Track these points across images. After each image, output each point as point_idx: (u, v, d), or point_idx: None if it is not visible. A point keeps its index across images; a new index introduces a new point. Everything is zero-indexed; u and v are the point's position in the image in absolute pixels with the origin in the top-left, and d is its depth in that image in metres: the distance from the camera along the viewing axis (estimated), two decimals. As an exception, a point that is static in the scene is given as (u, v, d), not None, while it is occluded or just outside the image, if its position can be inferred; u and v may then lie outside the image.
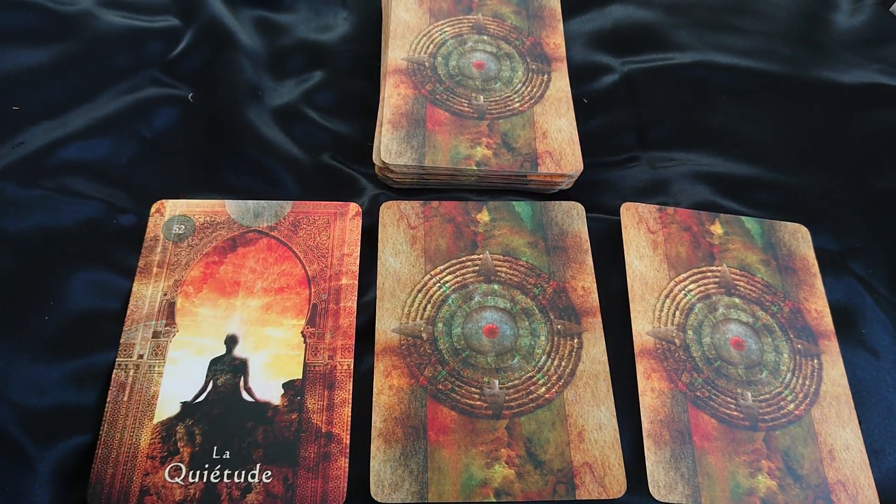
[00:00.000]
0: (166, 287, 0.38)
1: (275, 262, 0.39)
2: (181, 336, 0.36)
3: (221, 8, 0.50)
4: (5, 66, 0.45)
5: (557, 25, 0.51)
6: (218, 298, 0.37)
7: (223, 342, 0.36)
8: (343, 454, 0.34)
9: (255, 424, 0.34)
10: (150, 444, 0.33)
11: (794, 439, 0.36)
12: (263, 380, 0.36)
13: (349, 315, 0.38)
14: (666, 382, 0.37)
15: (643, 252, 0.42)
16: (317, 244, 0.40)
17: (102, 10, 0.49)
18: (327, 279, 0.38)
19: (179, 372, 0.35)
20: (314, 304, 0.38)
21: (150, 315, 0.37)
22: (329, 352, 0.36)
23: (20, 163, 0.41)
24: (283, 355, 0.36)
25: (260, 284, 0.38)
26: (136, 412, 0.34)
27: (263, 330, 0.37)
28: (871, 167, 0.49)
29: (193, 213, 0.40)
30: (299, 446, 0.34)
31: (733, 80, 0.52)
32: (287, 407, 0.35)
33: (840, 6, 0.58)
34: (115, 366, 0.35)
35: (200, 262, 0.38)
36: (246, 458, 0.33)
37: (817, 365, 0.39)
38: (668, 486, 0.34)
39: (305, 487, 0.33)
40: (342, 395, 0.35)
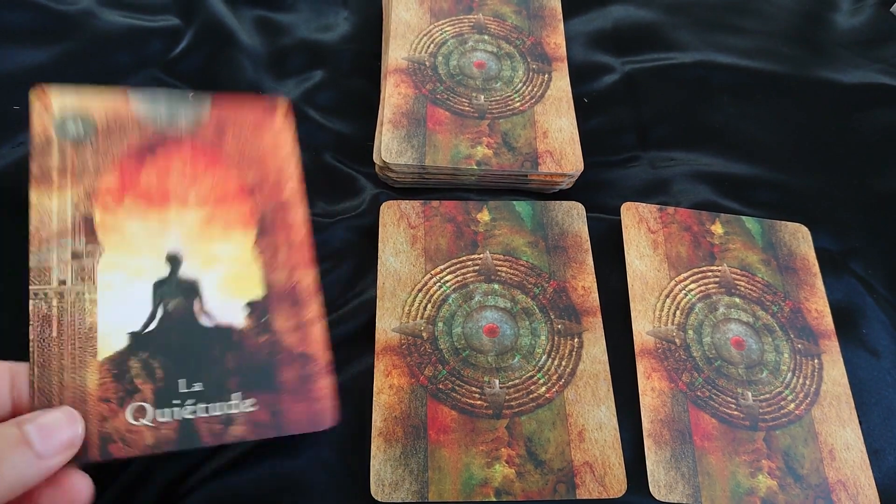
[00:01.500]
0: (76, 197, 0.31)
1: (206, 169, 0.33)
2: (110, 256, 0.30)
3: (222, 7, 0.50)
4: (6, 65, 0.45)
5: (558, 25, 0.51)
6: (147, 210, 0.32)
7: (164, 261, 0.31)
8: (324, 373, 0.31)
9: (222, 351, 0.31)
10: (100, 385, 0.29)
11: (795, 439, 0.36)
12: (221, 301, 0.31)
13: (300, 229, 0.33)
14: (666, 382, 0.37)
15: (643, 252, 0.42)
16: (250, 149, 0.34)
17: (103, 9, 0.49)
18: (268, 192, 0.33)
19: (117, 298, 0.30)
20: (261, 217, 0.33)
21: (63, 232, 0.30)
22: (288, 268, 0.33)
23: (20, 162, 0.41)
24: (239, 273, 0.32)
25: (194, 193, 0.32)
26: (73, 349, 0.29)
27: (209, 247, 0.32)
28: (871, 167, 0.49)
29: (89, 108, 0.32)
30: (276, 370, 0.31)
31: (734, 80, 0.52)
32: (254, 329, 0.31)
33: (840, 6, 0.58)
34: (31, 296, 0.29)
35: (114, 168, 0.32)
36: (220, 388, 0.30)
37: (818, 365, 0.39)
38: (668, 486, 0.34)
39: (291, 411, 0.30)
40: (310, 311, 0.32)
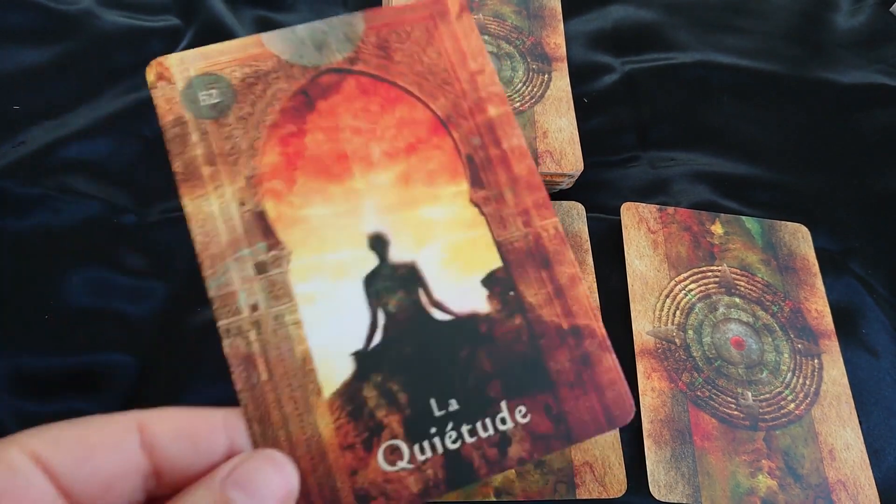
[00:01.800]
0: (238, 192, 0.24)
1: (383, 110, 0.26)
2: (300, 259, 0.23)
3: (222, 8, 0.50)
4: (6, 65, 0.45)
5: (558, 25, 0.51)
6: (326, 186, 0.24)
7: (367, 248, 0.24)
8: (604, 348, 0.24)
9: (471, 350, 0.23)
10: (336, 430, 0.22)
11: (795, 439, 0.36)
12: (452, 284, 0.24)
13: (523, 157, 0.25)
14: (666, 382, 0.37)
15: (643, 252, 0.42)
16: (428, 67, 0.26)
17: (103, 9, 0.49)
18: (468, 114, 0.26)
19: (325, 312, 0.23)
20: (468, 156, 0.25)
21: (236, 240, 0.23)
22: (521, 216, 0.25)
23: (21, 162, 0.41)
24: (462, 240, 0.24)
25: (378, 148, 0.25)
26: (291, 391, 0.22)
27: (416, 213, 0.24)
28: (871, 167, 0.49)
29: (219, 66, 0.25)
30: (545, 359, 0.23)
31: (734, 80, 0.52)
32: (502, 311, 0.24)
33: (840, 6, 0.58)
34: (222, 334, 0.22)
35: (271, 140, 0.25)
36: (482, 399, 0.23)
37: (818, 365, 0.39)
38: (668, 486, 0.34)
39: (578, 410, 0.23)
40: (566, 270, 0.24)
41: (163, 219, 0.41)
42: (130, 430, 0.19)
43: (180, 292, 0.39)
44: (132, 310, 0.38)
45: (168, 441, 0.19)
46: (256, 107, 0.25)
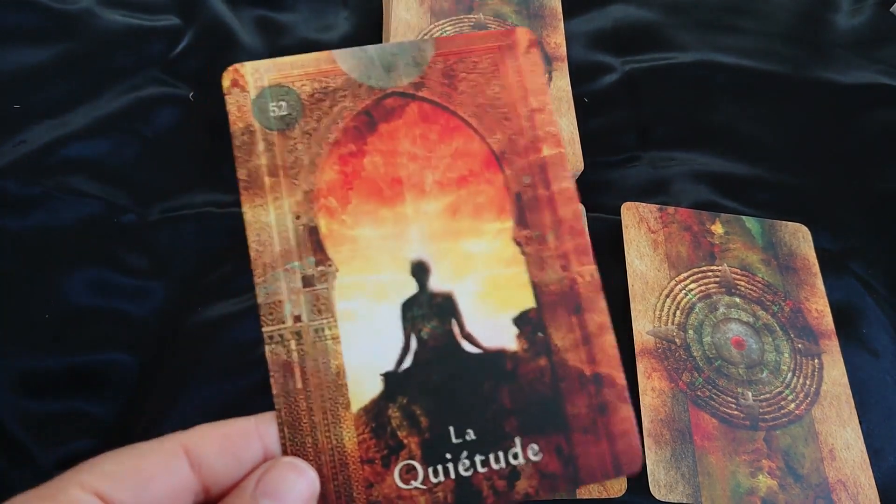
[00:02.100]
0: (295, 205, 0.25)
1: (441, 139, 0.26)
2: (345, 277, 0.24)
3: (222, 7, 0.50)
4: (7, 64, 0.45)
5: (558, 25, 0.51)
6: (378, 209, 0.25)
7: (409, 274, 0.25)
8: (622, 399, 0.24)
9: (494, 384, 0.24)
10: (359, 444, 0.23)
11: (795, 439, 0.36)
12: (484, 318, 0.25)
13: (570, 200, 0.26)
14: (666, 382, 0.37)
15: (644, 251, 0.42)
16: (490, 100, 0.26)
17: (103, 9, 0.49)
18: (522, 152, 0.26)
19: (362, 331, 0.24)
20: (517, 194, 0.26)
21: (288, 252, 0.24)
22: (560, 260, 0.25)
23: (21, 161, 0.41)
24: (500, 277, 0.25)
25: (431, 177, 0.26)
26: (323, 402, 0.23)
27: (459, 245, 0.25)
28: (871, 167, 0.49)
29: (290, 79, 0.26)
30: (563, 402, 0.24)
31: (734, 80, 0.52)
32: (529, 350, 0.24)
33: (840, 6, 0.58)
34: (266, 340, 0.23)
35: (331, 158, 0.25)
36: (497, 433, 0.24)
37: (818, 364, 0.39)
38: (668, 486, 0.34)
39: (588, 455, 0.24)
40: (597, 317, 0.25)
41: (163, 218, 0.41)
42: (178, 454, 0.20)
43: (180, 292, 0.39)
44: (132, 309, 0.38)
45: (213, 459, 0.20)
46: (322, 123, 0.25)
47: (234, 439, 0.21)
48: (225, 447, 0.21)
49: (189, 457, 0.20)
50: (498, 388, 0.24)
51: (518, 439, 0.23)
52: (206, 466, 0.20)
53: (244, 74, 0.25)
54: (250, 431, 0.22)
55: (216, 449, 0.20)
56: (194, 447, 0.20)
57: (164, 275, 0.39)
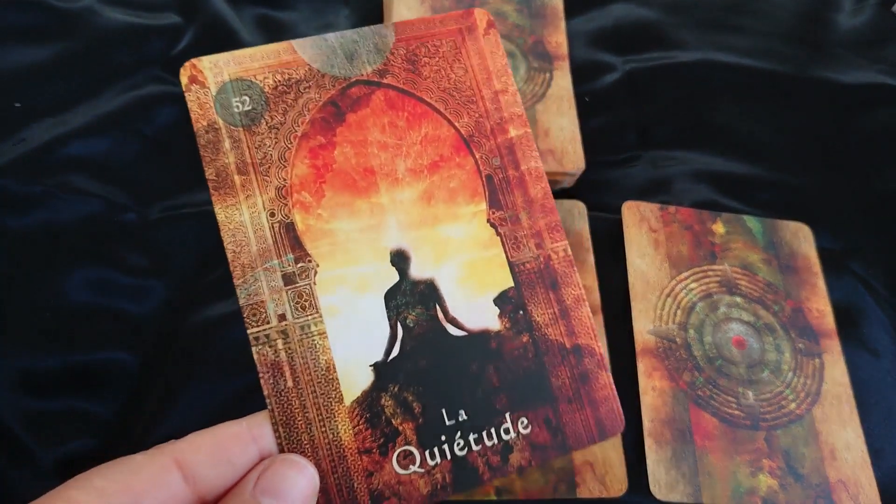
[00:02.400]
0: (268, 202, 0.24)
1: (409, 126, 0.26)
2: (326, 271, 0.24)
3: (223, 6, 0.50)
4: (7, 63, 0.45)
5: (559, 24, 0.51)
6: (353, 200, 0.25)
7: (389, 264, 0.25)
8: (601, 367, 0.25)
9: (481, 364, 0.25)
10: (355, 435, 0.23)
11: (796, 438, 0.36)
12: (466, 301, 0.25)
13: (539, 179, 0.26)
14: (667, 381, 0.37)
15: (644, 251, 0.42)
16: (454, 84, 0.26)
17: (104, 7, 0.49)
18: (489, 134, 0.26)
19: (348, 324, 0.24)
20: (488, 176, 0.26)
21: (265, 251, 0.24)
22: (534, 238, 0.26)
23: (21, 159, 0.41)
24: (478, 260, 0.25)
25: (403, 165, 0.26)
26: (315, 398, 0.23)
27: (437, 231, 0.25)
28: (872, 167, 0.49)
29: (251, 72, 0.25)
30: (547, 375, 0.25)
31: (735, 80, 0.52)
32: (512, 329, 0.25)
33: (841, 6, 0.58)
34: (252, 341, 0.23)
35: (301, 151, 0.25)
36: (488, 411, 0.24)
37: (819, 364, 0.39)
38: (669, 485, 0.34)
39: (574, 423, 0.25)
40: (572, 291, 0.26)
41: (163, 217, 0.41)
42: (170, 468, 0.19)
43: (180, 291, 0.39)
44: (132, 308, 0.38)
45: (207, 469, 0.20)
46: (288, 116, 0.25)
47: (227, 445, 0.21)
48: (218, 454, 0.20)
49: (182, 470, 0.20)
50: (485, 367, 0.25)
51: (508, 415, 0.24)
52: (200, 477, 0.20)
53: (203, 70, 0.25)
54: (243, 434, 0.21)
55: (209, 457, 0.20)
56: (187, 459, 0.20)
57: (164, 274, 0.39)
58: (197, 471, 0.20)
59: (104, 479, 0.18)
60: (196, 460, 0.20)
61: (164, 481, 0.19)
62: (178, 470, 0.20)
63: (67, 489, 0.18)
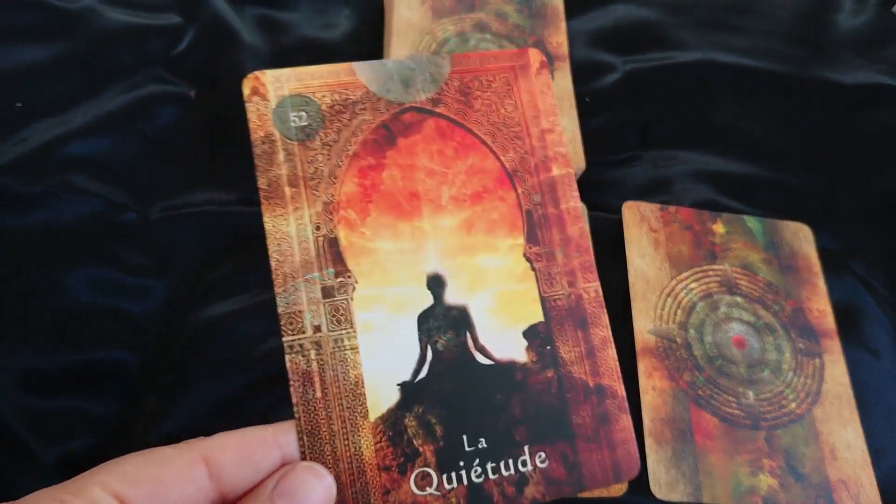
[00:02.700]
0: (315, 216, 0.25)
1: (457, 156, 0.27)
2: (364, 289, 0.25)
3: (224, 6, 0.50)
4: (8, 62, 0.45)
5: (560, 24, 0.51)
6: (396, 222, 0.26)
7: (425, 287, 0.26)
8: (622, 409, 0.26)
9: (505, 395, 0.25)
10: (376, 451, 0.24)
11: (796, 438, 0.36)
12: (497, 331, 0.26)
13: (577, 219, 0.27)
14: (667, 381, 0.37)
15: (645, 251, 0.42)
16: (504, 119, 0.27)
17: (105, 7, 0.49)
18: (533, 170, 0.27)
19: (380, 342, 0.25)
20: (527, 211, 0.27)
21: (308, 263, 0.25)
22: (567, 276, 0.26)
23: (22, 159, 0.41)
24: (511, 292, 0.26)
25: (447, 192, 0.26)
26: (341, 411, 0.24)
27: (474, 260, 0.26)
28: (872, 167, 0.49)
29: (311, 89, 0.26)
30: (569, 412, 0.25)
31: (735, 80, 0.52)
32: (538, 363, 0.25)
33: (841, 6, 0.58)
34: (286, 349, 0.24)
35: (351, 170, 0.26)
36: (508, 441, 0.25)
37: (819, 364, 0.39)
38: (669, 485, 0.34)
39: (591, 462, 0.25)
40: (600, 332, 0.26)
41: (164, 217, 0.41)
42: (198, 463, 0.20)
43: (181, 290, 0.39)
44: (133, 308, 0.38)
45: (233, 468, 0.21)
46: (342, 135, 0.26)
47: (253, 447, 0.21)
48: (244, 456, 0.21)
49: (209, 466, 0.20)
50: (509, 398, 0.25)
51: (527, 447, 0.24)
52: (225, 475, 0.20)
53: (265, 83, 0.26)
54: (269, 440, 0.22)
55: (235, 458, 0.21)
56: (214, 457, 0.20)
57: (164, 273, 0.39)
58: (222, 469, 0.20)
59: (134, 466, 0.19)
60: (223, 459, 0.20)
61: (191, 475, 0.20)
62: (206, 466, 0.20)
63: (99, 472, 0.19)
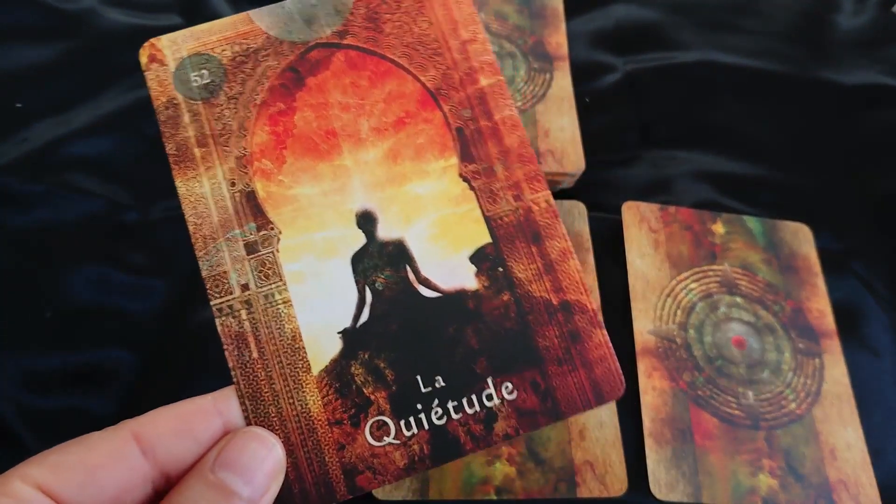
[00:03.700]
0: (228, 172, 0.24)
1: (372, 85, 0.25)
2: (289, 239, 0.24)
3: (223, 6, 0.50)
4: (9, 63, 0.45)
5: (560, 24, 0.51)
6: (315, 164, 0.24)
7: (356, 227, 0.24)
8: (594, 324, 0.23)
9: (458, 327, 0.23)
10: (325, 406, 0.22)
11: (796, 438, 0.36)
12: (440, 260, 0.24)
13: (514, 128, 0.25)
14: (667, 381, 0.37)
15: (645, 251, 0.42)
16: (418, 38, 0.26)
17: (105, 7, 0.49)
18: (458, 85, 0.25)
19: (314, 291, 0.23)
20: (458, 129, 0.25)
21: (227, 221, 0.24)
22: (511, 190, 0.24)
23: (23, 159, 0.41)
24: (450, 216, 0.24)
25: (367, 124, 0.25)
26: (281, 369, 0.22)
27: (405, 190, 0.24)
28: (873, 167, 0.49)
29: (209, 45, 0.25)
30: (532, 335, 0.23)
31: (735, 80, 0.52)
32: (490, 287, 0.24)
33: (841, 6, 0.58)
34: (215, 313, 0.23)
35: (260, 119, 0.25)
36: (468, 376, 0.23)
37: (819, 364, 0.39)
38: (669, 485, 0.34)
39: (566, 386, 0.23)
40: (557, 244, 0.24)
41: (164, 216, 0.41)
42: (128, 441, 0.19)
43: (181, 289, 0.39)
44: (133, 307, 0.38)
45: (167, 442, 0.19)
46: (246, 85, 0.25)
47: (190, 419, 0.20)
48: (180, 428, 0.20)
49: (140, 443, 0.19)
50: (462, 329, 0.23)
51: (490, 380, 0.23)
52: (162, 450, 0.19)
53: (162, 48, 0.25)
54: (208, 408, 0.21)
55: (170, 431, 0.20)
56: (146, 433, 0.19)
57: (165, 272, 0.39)
58: (158, 445, 0.19)
59: (60, 454, 0.18)
60: (155, 434, 0.19)
61: (121, 455, 0.19)
62: (136, 444, 0.19)
63: (24, 465, 0.18)
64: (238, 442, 0.20)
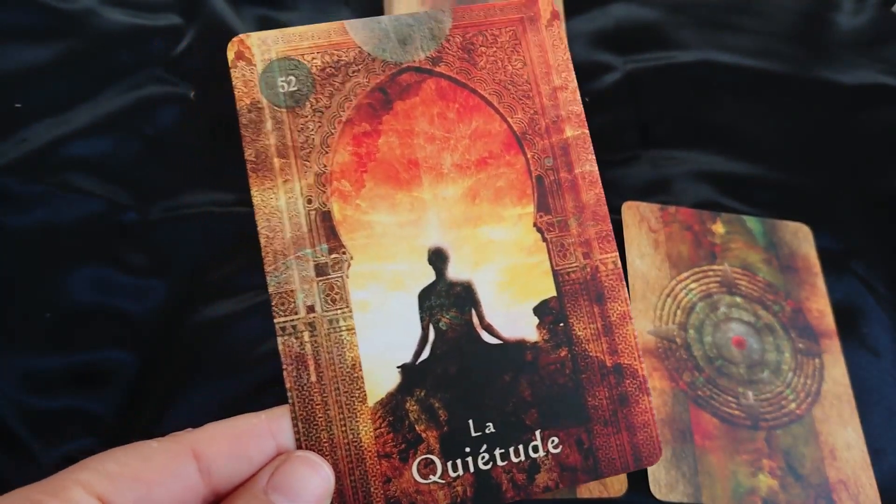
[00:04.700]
0: (306, 188, 0.23)
1: (459, 118, 0.24)
2: (359, 265, 0.23)
3: (224, 6, 0.50)
4: (8, 63, 0.45)
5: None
6: (394, 193, 0.24)
7: (426, 262, 0.24)
8: (643, 391, 0.24)
9: (514, 376, 0.23)
10: (376, 438, 0.22)
11: (796, 438, 0.36)
12: (504, 308, 0.24)
13: (593, 184, 0.25)
14: (667, 381, 0.37)
15: (644, 251, 0.42)
16: (511, 77, 0.25)
17: (105, 7, 0.49)
18: (544, 132, 0.25)
19: (378, 322, 0.23)
20: (538, 177, 0.24)
21: (299, 239, 0.23)
22: (582, 247, 0.24)
23: (22, 159, 0.41)
24: (520, 265, 0.24)
25: (450, 159, 0.24)
26: (338, 395, 0.22)
27: (479, 232, 0.24)
28: (873, 167, 0.49)
29: (300, 51, 0.24)
30: (584, 394, 0.23)
31: (735, 80, 0.52)
32: (550, 341, 0.24)
33: (842, 6, 0.58)
34: (277, 331, 0.22)
35: (344, 138, 0.24)
36: (517, 426, 0.23)
37: (819, 364, 0.39)
38: (669, 485, 0.34)
39: (608, 447, 0.23)
40: (618, 307, 0.24)
41: (164, 217, 0.41)
42: (186, 457, 0.19)
43: (181, 290, 0.39)
44: (133, 308, 0.38)
45: (224, 462, 0.20)
46: (334, 100, 0.24)
47: (245, 439, 0.20)
48: (235, 448, 0.20)
49: (198, 461, 0.19)
50: (518, 379, 0.23)
51: (538, 432, 0.23)
52: (216, 469, 0.19)
53: (250, 46, 0.24)
54: (261, 428, 0.21)
55: (226, 450, 0.20)
56: (203, 450, 0.19)
57: (165, 273, 0.39)
58: (213, 464, 0.19)
59: (117, 463, 0.18)
60: (212, 452, 0.19)
61: (179, 471, 0.19)
62: (195, 461, 0.19)
63: (80, 471, 0.18)
64: (292, 465, 0.20)
